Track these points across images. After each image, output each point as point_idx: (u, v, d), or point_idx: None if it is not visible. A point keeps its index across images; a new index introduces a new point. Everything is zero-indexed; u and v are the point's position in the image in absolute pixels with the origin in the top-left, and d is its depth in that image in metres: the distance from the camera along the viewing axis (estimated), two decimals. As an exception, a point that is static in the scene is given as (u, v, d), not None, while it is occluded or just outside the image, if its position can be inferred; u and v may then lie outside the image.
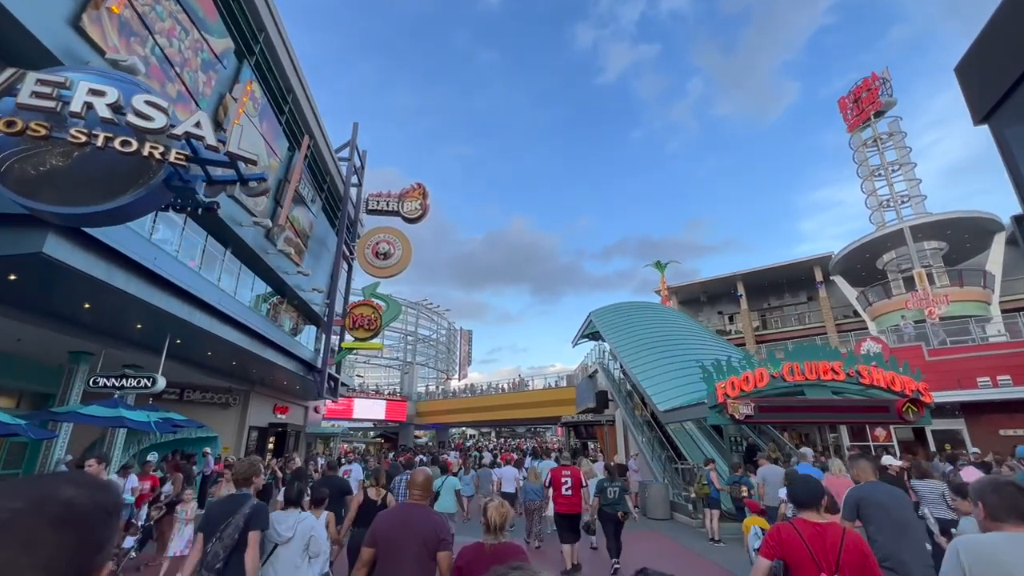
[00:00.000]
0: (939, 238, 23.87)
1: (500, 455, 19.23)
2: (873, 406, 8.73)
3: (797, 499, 2.70)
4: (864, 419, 9.25)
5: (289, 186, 15.61)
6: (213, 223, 12.17)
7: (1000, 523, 1.97)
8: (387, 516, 3.18)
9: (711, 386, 9.03)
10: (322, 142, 18.79)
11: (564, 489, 7.35)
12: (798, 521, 2.58)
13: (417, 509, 3.19)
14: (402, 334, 44.77)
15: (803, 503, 2.65)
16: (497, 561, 2.04)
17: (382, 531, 3.04)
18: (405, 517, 3.10)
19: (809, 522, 2.54)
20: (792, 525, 2.57)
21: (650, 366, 14.06)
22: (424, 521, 3.07)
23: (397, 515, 3.15)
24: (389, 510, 3.37)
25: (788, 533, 2.53)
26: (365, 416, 35.73)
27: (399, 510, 3.24)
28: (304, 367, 17.85)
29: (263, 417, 19.14)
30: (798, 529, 2.51)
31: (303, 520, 3.66)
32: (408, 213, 21.93)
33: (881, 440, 15.07)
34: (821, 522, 2.54)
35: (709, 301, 33.17)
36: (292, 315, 18.87)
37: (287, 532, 3.56)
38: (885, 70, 27.63)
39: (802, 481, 2.79)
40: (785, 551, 2.48)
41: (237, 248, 13.94)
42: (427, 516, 3.15)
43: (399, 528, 3.03)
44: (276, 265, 15.72)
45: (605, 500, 7.24)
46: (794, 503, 2.73)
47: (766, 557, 2.53)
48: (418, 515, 3.12)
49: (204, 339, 11.57)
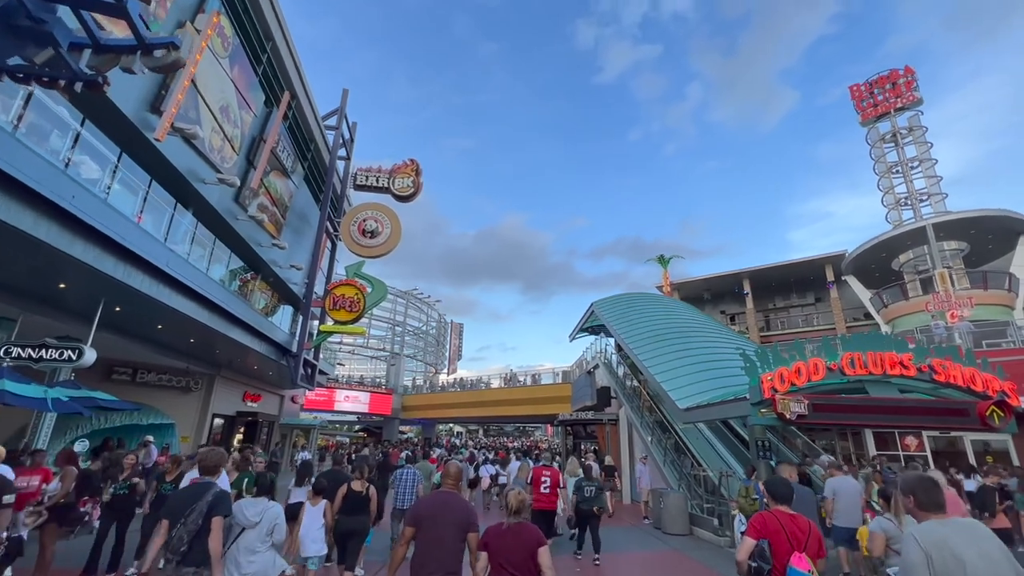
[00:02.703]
0: (961, 238, 22.63)
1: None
2: (950, 409, 7.27)
3: (775, 495, 3.29)
4: (938, 424, 7.79)
5: (265, 146, 13.88)
6: (167, 177, 10.46)
7: (927, 512, 2.43)
8: (428, 501, 3.61)
9: (755, 378, 7.49)
10: (306, 104, 17.04)
11: (543, 487, 7.84)
12: (776, 511, 3.17)
13: (453, 496, 3.59)
14: (390, 324, 42.88)
15: (780, 498, 3.27)
16: (515, 538, 3.18)
17: (425, 512, 3.44)
18: (444, 502, 3.50)
19: (785, 513, 3.15)
20: (773, 514, 3.15)
21: (665, 360, 12.53)
22: (460, 506, 3.50)
23: (437, 500, 3.56)
24: (429, 496, 3.74)
25: (770, 520, 3.11)
26: (347, 408, 33.92)
27: (438, 496, 3.61)
28: (277, 351, 16.11)
29: (230, 405, 17.34)
30: (777, 518, 3.11)
31: (270, 508, 3.98)
32: (399, 190, 20.21)
33: (912, 449, 13.66)
34: (793, 514, 3.14)
35: (712, 299, 31.79)
36: (267, 293, 17.13)
37: (255, 517, 3.88)
38: (907, 68, 26.45)
39: (780, 482, 3.40)
40: (768, 533, 3.04)
41: (201, 211, 12.21)
42: (462, 503, 3.58)
43: (440, 510, 3.43)
44: (247, 234, 13.99)
45: (582, 498, 7.91)
46: (772, 497, 3.29)
47: (752, 538, 3.07)
48: (454, 501, 3.53)
49: (150, 309, 9.84)
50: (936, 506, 2.40)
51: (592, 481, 8.17)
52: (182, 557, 3.36)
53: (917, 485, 2.50)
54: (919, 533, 2.23)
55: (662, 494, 10.26)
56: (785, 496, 3.26)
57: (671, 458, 12.30)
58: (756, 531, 3.07)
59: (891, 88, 25.78)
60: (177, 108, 9.38)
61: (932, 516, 2.38)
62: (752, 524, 3.13)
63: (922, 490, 2.45)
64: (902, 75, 26.05)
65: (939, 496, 2.42)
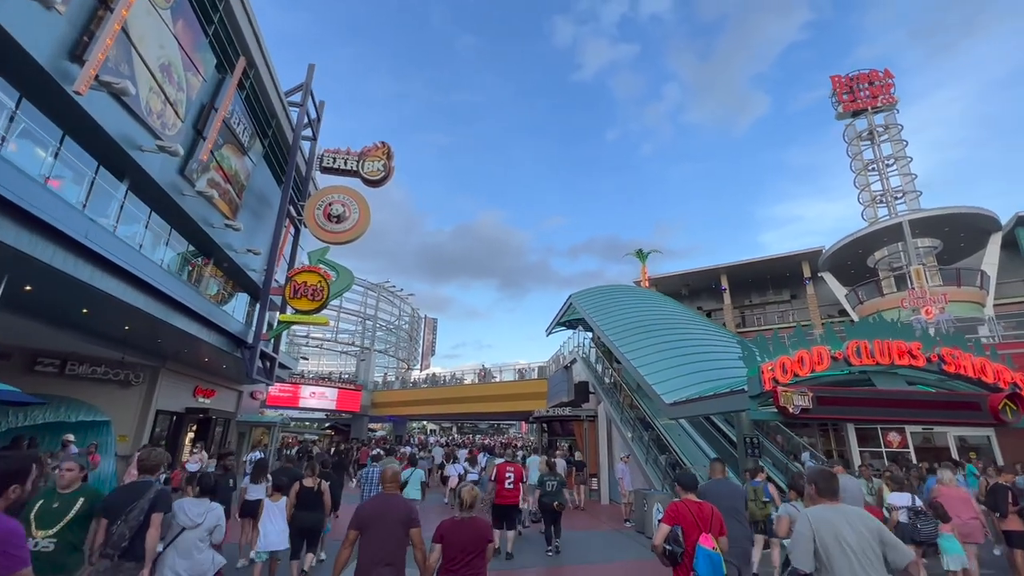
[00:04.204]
0: (935, 235, 22.79)
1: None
2: (961, 402, 6.73)
3: (683, 485, 3.83)
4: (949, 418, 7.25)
5: (216, 115, 12.60)
6: (96, 142, 9.17)
7: (824, 499, 2.87)
8: (370, 504, 3.83)
9: (754, 368, 6.77)
10: (266, 76, 15.73)
11: (507, 483, 8.09)
12: (685, 501, 3.68)
13: (394, 497, 3.92)
14: (360, 318, 41.28)
15: (686, 487, 3.80)
16: (467, 531, 3.52)
17: (367, 514, 3.69)
18: (385, 503, 3.79)
19: (693, 501, 3.67)
20: (684, 503, 3.65)
21: (648, 352, 11.82)
22: (401, 506, 3.79)
23: (379, 501, 3.82)
24: (371, 499, 3.94)
25: (681, 508, 3.60)
26: (313, 405, 32.38)
27: (380, 498, 3.87)
28: (231, 342, 14.79)
29: (178, 400, 15.89)
30: (687, 506, 3.61)
31: (213, 510, 4.15)
32: (369, 174, 19.05)
33: (895, 446, 13.35)
34: (699, 501, 3.67)
35: (690, 295, 31.54)
36: (221, 279, 15.77)
37: (197, 518, 4.03)
38: (886, 70, 26.61)
39: (686, 475, 3.98)
40: (679, 520, 3.52)
41: (140, 184, 10.91)
42: (403, 502, 3.88)
43: (382, 510, 3.70)
44: (196, 212, 12.68)
45: (544, 492, 8.36)
46: (681, 488, 3.82)
47: (667, 524, 3.55)
48: (395, 501, 3.84)
49: (70, 289, 8.56)
50: (831, 493, 2.87)
51: (555, 476, 8.63)
52: (123, 552, 3.45)
53: (819, 477, 2.96)
54: (811, 513, 2.77)
55: (645, 495, 9.53)
56: (691, 486, 3.79)
57: (653, 456, 11.62)
58: (671, 518, 3.54)
59: (869, 87, 25.88)
60: (104, 56, 8.13)
61: (826, 502, 2.85)
62: (667, 512, 3.60)
63: (822, 480, 2.92)
64: (881, 76, 26.23)
65: (834, 485, 2.91)
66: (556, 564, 7.78)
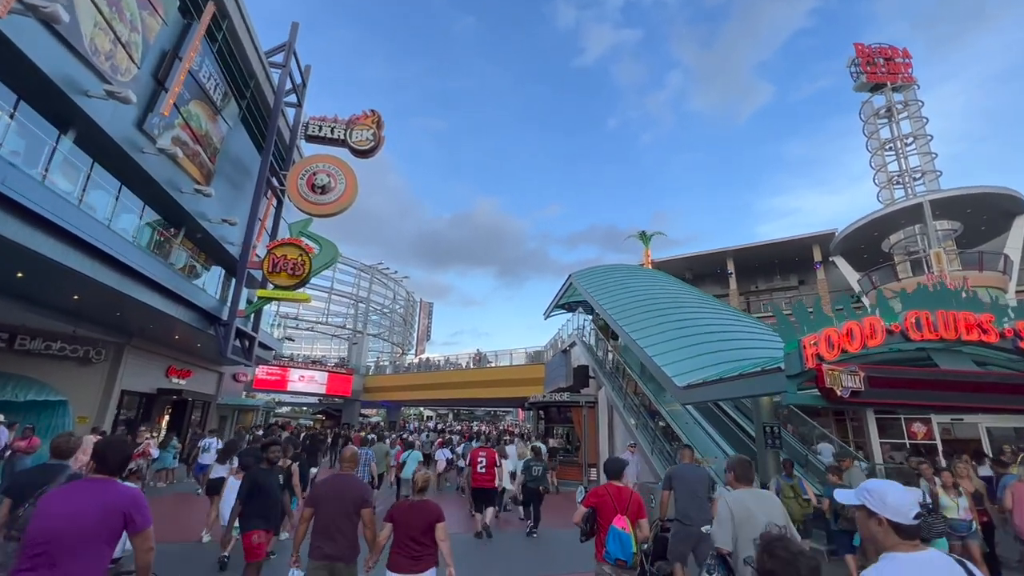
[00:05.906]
0: (956, 217, 21.58)
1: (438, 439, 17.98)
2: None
3: (608, 471, 4.11)
4: (1023, 406, 6.19)
5: (181, 65, 11.34)
6: (30, 85, 7.96)
7: (741, 484, 3.24)
8: (326, 483, 3.85)
9: (792, 343, 5.63)
10: (242, 29, 14.42)
11: (480, 467, 8.50)
12: (608, 485, 3.97)
13: (350, 477, 3.95)
14: (353, 300, 40.07)
15: (611, 474, 4.08)
16: (416, 513, 3.60)
17: (322, 493, 3.77)
18: (340, 483, 3.83)
19: (614, 485, 3.96)
20: (605, 487, 3.93)
21: (655, 333, 10.71)
22: (355, 486, 3.84)
23: (335, 481, 3.86)
24: (326, 478, 3.96)
25: (601, 491, 3.91)
26: (302, 389, 31.31)
27: (336, 478, 3.90)
28: (203, 318, 13.67)
29: (148, 381, 14.79)
30: (607, 490, 3.90)
31: None
32: (357, 143, 17.86)
33: (919, 437, 12.32)
34: (620, 486, 3.95)
35: (694, 280, 30.31)
36: (192, 251, 14.60)
37: None
38: (904, 50, 25.29)
39: (611, 460, 4.23)
40: (597, 502, 3.86)
41: (89, 137, 9.73)
42: (357, 483, 3.92)
43: (336, 490, 3.76)
44: (159, 174, 11.50)
45: (529, 477, 8.50)
46: (607, 474, 4.10)
47: (585, 506, 3.92)
48: (351, 481, 3.88)
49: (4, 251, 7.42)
50: (747, 479, 3.30)
51: (540, 461, 8.83)
52: None
53: (737, 464, 3.35)
54: (729, 496, 3.12)
55: (652, 489, 8.49)
56: (616, 472, 4.08)
57: (660, 446, 10.58)
58: (589, 500, 3.94)
59: (885, 63, 24.57)
60: (25, -27, 6.90)
61: (743, 486, 3.25)
62: (588, 496, 3.97)
63: (739, 467, 3.32)
64: (900, 53, 24.95)
65: (750, 472, 3.36)
66: (529, 530, 8.35)
